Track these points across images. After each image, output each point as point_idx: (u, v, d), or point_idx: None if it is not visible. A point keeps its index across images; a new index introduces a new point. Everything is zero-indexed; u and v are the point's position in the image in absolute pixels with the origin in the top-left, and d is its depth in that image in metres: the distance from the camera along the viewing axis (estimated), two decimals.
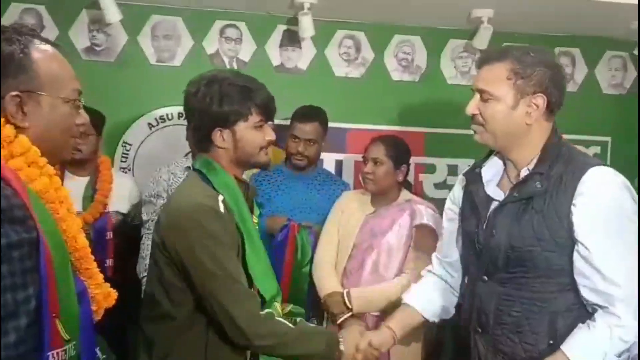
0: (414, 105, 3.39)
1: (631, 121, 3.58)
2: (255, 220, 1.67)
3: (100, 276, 1.60)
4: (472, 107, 1.51)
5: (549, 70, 1.47)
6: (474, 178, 1.62)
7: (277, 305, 1.63)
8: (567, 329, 1.41)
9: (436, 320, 1.83)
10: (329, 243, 2.46)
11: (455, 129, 3.23)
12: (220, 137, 1.57)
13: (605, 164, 1.45)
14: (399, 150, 2.42)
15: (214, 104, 1.55)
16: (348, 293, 2.29)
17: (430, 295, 1.82)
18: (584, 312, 1.42)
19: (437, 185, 3.44)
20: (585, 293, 1.39)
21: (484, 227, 1.54)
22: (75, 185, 2.54)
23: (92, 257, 1.64)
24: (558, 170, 1.44)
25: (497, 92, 1.46)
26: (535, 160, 1.49)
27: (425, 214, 2.35)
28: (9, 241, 0.97)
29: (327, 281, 2.38)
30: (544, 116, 1.49)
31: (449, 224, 1.77)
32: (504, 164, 1.59)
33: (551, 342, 1.41)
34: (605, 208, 1.38)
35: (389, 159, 2.37)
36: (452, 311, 1.83)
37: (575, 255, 1.40)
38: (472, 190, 1.61)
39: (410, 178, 3.21)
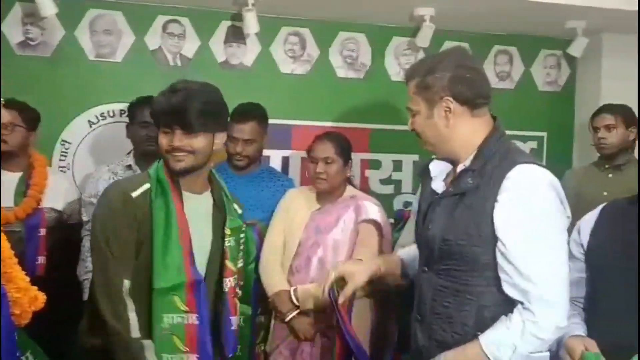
0: (359, 102, 3.42)
1: (565, 117, 3.76)
2: None
3: (24, 280, 1.54)
4: (409, 124, 1.63)
5: (449, 72, 1.53)
6: (424, 173, 1.70)
7: (176, 298, 1.65)
8: (494, 322, 1.45)
9: (405, 282, 1.86)
10: (274, 241, 2.46)
11: (400, 125, 3.28)
12: None
13: (536, 163, 1.48)
14: (346, 147, 2.45)
15: None
16: (295, 291, 2.30)
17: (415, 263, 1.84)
18: (511, 307, 1.46)
19: (383, 181, 3.50)
20: (506, 288, 1.43)
21: (424, 219, 1.60)
22: (7, 180, 2.47)
23: (15, 260, 1.58)
24: (491, 167, 1.48)
25: (415, 107, 1.58)
26: (472, 157, 1.54)
27: (369, 209, 2.38)
28: None
29: (273, 280, 2.38)
30: (465, 114, 1.54)
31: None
32: (451, 162, 1.64)
33: (478, 333, 1.46)
34: (525, 205, 1.41)
35: (339, 157, 2.39)
36: None
37: (497, 251, 1.44)
38: (423, 186, 1.69)
39: (356, 174, 3.25)
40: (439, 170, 1.65)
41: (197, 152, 1.70)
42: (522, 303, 1.40)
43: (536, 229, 1.40)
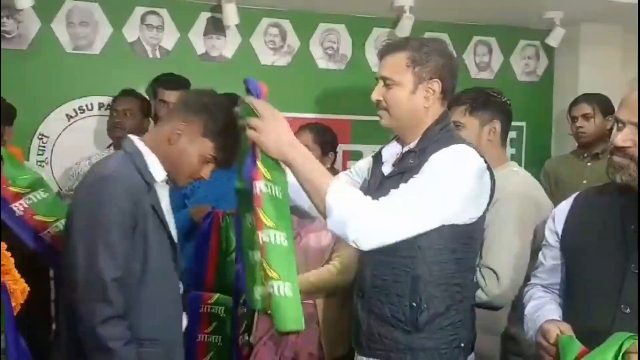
0: (340, 93, 3.43)
1: (544, 107, 3.80)
2: None
3: (16, 272, 1.55)
4: (376, 94, 1.62)
5: (442, 58, 1.60)
6: (376, 158, 1.74)
7: None
8: (427, 293, 1.53)
9: None
10: None
11: None
12: None
13: (471, 146, 1.57)
14: (326, 138, 2.46)
15: None
16: None
17: None
18: (446, 280, 1.54)
19: None
20: None
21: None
22: None
23: (9, 254, 1.58)
24: (431, 149, 1.54)
25: (398, 78, 1.58)
26: (417, 140, 1.61)
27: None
28: None
29: None
30: (439, 101, 1.61)
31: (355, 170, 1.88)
32: (402, 146, 1.69)
33: (413, 304, 1.53)
34: (440, 158, 1.50)
35: (317, 146, 2.41)
36: None
37: None
38: (372, 169, 1.74)
39: (338, 165, 3.26)
40: (388, 155, 1.71)
41: None
42: None
43: (435, 172, 1.47)
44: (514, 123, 3.76)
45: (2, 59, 2.88)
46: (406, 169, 1.56)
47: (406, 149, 1.63)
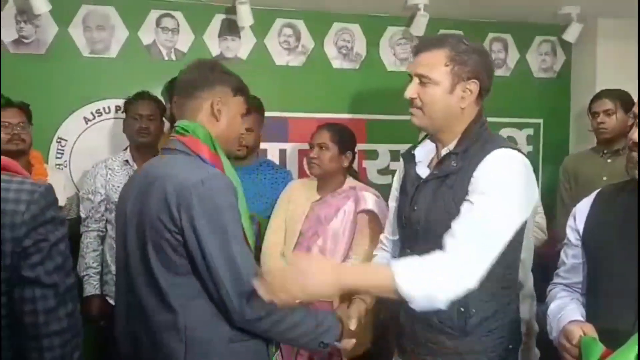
0: (354, 92, 3.42)
1: (561, 103, 3.76)
2: None
3: None
4: (412, 91, 1.57)
5: (481, 57, 1.55)
6: (408, 159, 1.70)
7: None
8: (475, 297, 1.46)
9: None
10: (276, 232, 2.48)
11: (396, 115, 3.29)
12: None
13: (513, 148, 1.52)
14: (344, 137, 2.46)
15: None
16: None
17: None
18: (493, 283, 1.48)
19: (380, 171, 3.50)
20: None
21: (410, 203, 1.62)
22: None
23: None
24: (473, 151, 1.51)
25: (435, 76, 1.53)
26: (455, 142, 1.57)
27: (369, 200, 2.39)
28: None
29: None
30: (475, 101, 1.57)
31: (394, 203, 1.83)
32: (436, 146, 1.66)
33: (462, 309, 1.49)
34: (493, 171, 1.45)
35: (335, 144, 2.41)
36: None
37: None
38: (406, 170, 1.70)
39: (354, 164, 3.26)
40: (422, 155, 1.67)
41: None
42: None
43: (494, 194, 1.42)
44: (530, 120, 3.78)
45: (20, 64, 2.93)
46: (449, 172, 1.52)
47: (445, 150, 1.58)
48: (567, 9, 3.33)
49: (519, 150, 1.52)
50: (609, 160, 2.93)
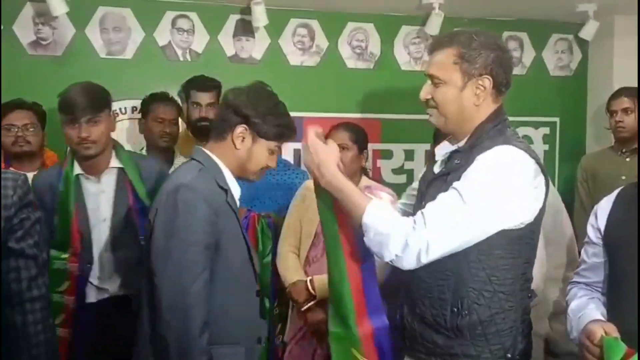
0: (369, 92, 3.42)
1: (578, 102, 3.73)
2: None
3: None
4: (425, 92, 1.57)
5: (493, 52, 1.51)
6: (431, 157, 1.72)
7: None
8: (469, 298, 1.46)
9: None
10: (291, 232, 2.47)
11: (411, 115, 3.27)
12: None
13: (519, 147, 1.47)
14: (361, 136, 2.46)
15: None
16: (311, 281, 2.31)
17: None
18: (488, 284, 1.46)
19: (395, 171, 3.49)
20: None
21: (420, 199, 1.62)
22: None
23: None
24: (477, 149, 1.48)
25: (445, 76, 1.52)
26: (465, 139, 1.55)
27: (384, 199, 2.38)
28: None
29: (290, 270, 2.39)
30: (491, 97, 1.53)
31: (403, 200, 1.89)
32: (453, 144, 1.65)
33: (455, 309, 1.47)
34: (482, 165, 1.43)
35: (354, 144, 2.40)
36: None
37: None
38: (426, 169, 1.71)
39: (369, 164, 3.25)
40: (442, 153, 1.65)
41: None
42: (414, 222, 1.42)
43: (473, 186, 1.40)
44: (547, 119, 3.75)
45: (37, 66, 2.97)
46: (451, 169, 1.52)
47: (454, 147, 1.57)
48: (583, 6, 3.30)
49: (526, 150, 1.47)
50: (627, 159, 2.90)
